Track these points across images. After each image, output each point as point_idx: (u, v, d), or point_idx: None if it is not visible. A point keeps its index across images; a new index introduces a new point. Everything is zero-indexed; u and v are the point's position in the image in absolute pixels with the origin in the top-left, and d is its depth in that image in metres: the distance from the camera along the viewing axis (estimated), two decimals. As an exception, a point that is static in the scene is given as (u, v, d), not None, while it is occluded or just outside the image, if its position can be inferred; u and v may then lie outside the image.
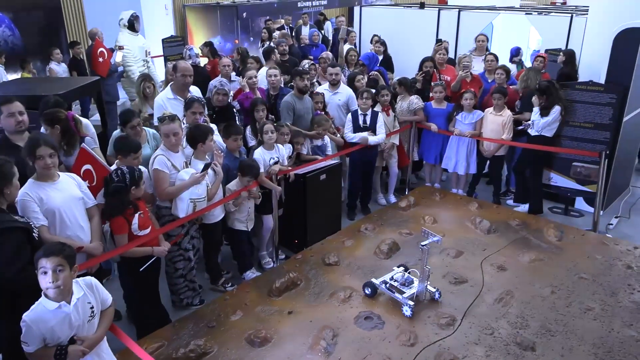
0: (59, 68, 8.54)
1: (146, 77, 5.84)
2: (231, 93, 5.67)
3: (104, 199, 3.59)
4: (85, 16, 10.74)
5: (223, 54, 9.36)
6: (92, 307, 2.71)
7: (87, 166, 3.70)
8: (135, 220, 3.53)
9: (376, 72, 7.03)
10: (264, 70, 6.88)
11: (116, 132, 4.41)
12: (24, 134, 3.76)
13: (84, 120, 4.45)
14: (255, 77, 5.87)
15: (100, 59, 7.96)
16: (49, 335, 2.56)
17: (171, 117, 3.93)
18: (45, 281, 2.50)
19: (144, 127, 4.48)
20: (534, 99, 5.59)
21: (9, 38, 9.11)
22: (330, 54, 7.53)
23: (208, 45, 8.32)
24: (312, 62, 7.04)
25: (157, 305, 3.99)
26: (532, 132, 5.60)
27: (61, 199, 3.27)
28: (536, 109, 5.56)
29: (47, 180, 3.26)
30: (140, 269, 3.65)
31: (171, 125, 3.90)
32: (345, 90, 6.06)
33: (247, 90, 5.81)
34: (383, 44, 8.15)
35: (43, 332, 2.53)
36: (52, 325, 2.54)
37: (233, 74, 6.58)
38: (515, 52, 7.81)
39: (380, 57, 8.01)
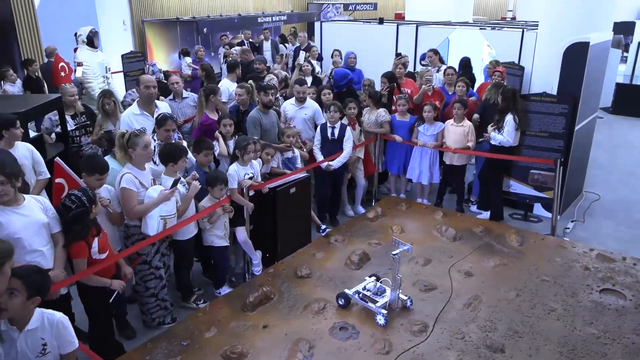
0: (13, 89, 8.20)
1: (106, 94, 5.75)
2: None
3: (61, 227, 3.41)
4: (40, 31, 10.44)
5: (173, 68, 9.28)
6: (44, 344, 2.56)
7: (60, 180, 3.65)
8: (95, 244, 3.43)
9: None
10: (224, 82, 6.88)
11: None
12: None
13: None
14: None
15: (62, 74, 7.77)
16: None
17: (140, 131, 3.96)
18: None
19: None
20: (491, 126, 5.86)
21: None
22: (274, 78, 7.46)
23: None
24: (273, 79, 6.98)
25: (110, 336, 3.81)
26: (493, 142, 5.83)
27: (22, 224, 3.13)
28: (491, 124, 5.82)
29: (10, 204, 3.12)
30: (110, 300, 3.59)
31: (146, 136, 3.93)
32: (311, 105, 6.14)
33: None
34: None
35: None
36: None
37: (184, 91, 6.19)
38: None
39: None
